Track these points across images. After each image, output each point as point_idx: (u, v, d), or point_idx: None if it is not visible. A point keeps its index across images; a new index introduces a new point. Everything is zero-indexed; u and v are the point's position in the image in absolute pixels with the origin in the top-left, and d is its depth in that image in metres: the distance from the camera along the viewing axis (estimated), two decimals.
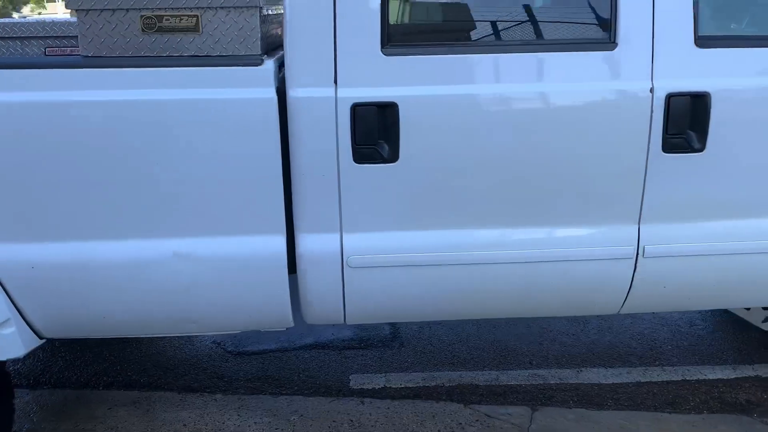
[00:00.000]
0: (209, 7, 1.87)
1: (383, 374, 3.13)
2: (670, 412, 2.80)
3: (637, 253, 2.06)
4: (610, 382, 3.06)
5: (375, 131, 1.88)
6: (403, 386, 3.02)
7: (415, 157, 1.90)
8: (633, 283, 2.11)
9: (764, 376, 3.14)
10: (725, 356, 3.24)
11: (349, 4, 1.84)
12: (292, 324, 2.16)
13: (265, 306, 2.07)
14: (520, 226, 2.00)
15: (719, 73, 1.92)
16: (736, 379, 3.09)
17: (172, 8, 1.86)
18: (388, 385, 3.04)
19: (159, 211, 1.93)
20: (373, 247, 2.00)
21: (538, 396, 2.97)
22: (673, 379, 3.06)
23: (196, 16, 1.88)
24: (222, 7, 1.87)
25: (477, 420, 2.76)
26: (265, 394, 2.92)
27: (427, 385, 3.04)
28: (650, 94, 1.91)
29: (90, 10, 1.85)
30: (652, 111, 1.91)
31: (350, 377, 3.12)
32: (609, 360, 3.24)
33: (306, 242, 1.99)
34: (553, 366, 3.18)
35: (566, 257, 2.03)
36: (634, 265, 2.07)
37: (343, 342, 3.40)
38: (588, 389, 3.00)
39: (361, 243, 1.99)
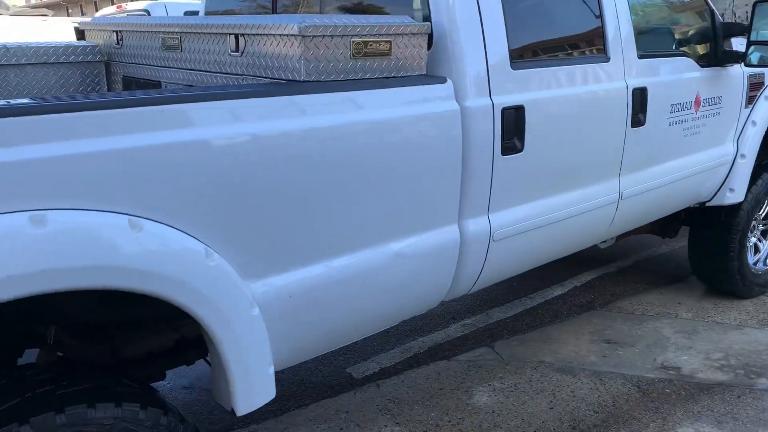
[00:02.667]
0: (397, 34, 2.13)
1: (371, 359, 3.54)
2: (561, 321, 3.95)
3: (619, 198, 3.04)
4: (511, 315, 4.09)
5: (512, 128, 2.41)
6: (393, 363, 3.50)
7: (533, 145, 2.50)
8: (613, 219, 3.09)
9: (590, 280, 4.58)
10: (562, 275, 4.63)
11: (491, 38, 2.33)
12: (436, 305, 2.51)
13: (434, 289, 2.38)
14: (585, 186, 2.78)
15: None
16: (573, 289, 4.46)
17: (375, 35, 2.07)
18: (384, 366, 3.48)
19: (384, 218, 2.10)
20: (507, 221, 2.51)
21: (483, 337, 3.82)
22: (542, 301, 4.23)
23: (390, 42, 2.12)
24: (405, 34, 2.15)
25: (467, 366, 3.48)
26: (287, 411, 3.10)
27: (407, 357, 3.58)
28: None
29: (315, 36, 1.93)
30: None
31: (348, 371, 3.44)
32: (502, 301, 4.29)
33: (468, 226, 2.39)
34: (469, 317, 4.08)
35: (597, 205, 2.90)
36: (616, 208, 3.06)
37: None
38: (504, 323, 3.98)
39: (500, 220, 2.49)
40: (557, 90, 2.59)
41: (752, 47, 3.39)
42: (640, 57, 2.99)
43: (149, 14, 6.05)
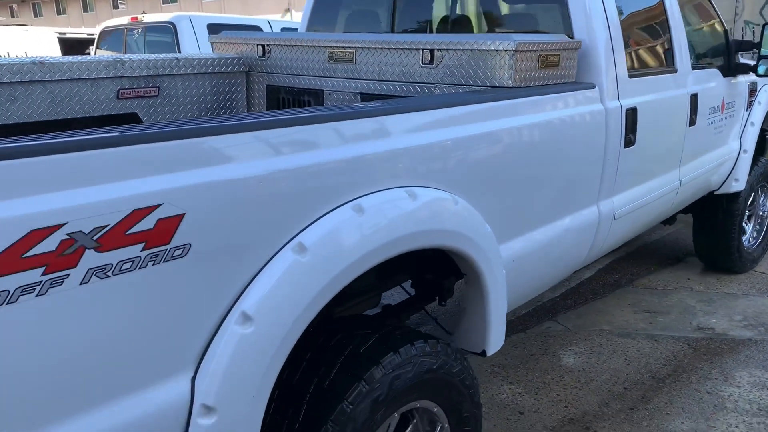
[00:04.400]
0: (563, 49, 2.63)
1: None
2: (601, 297, 4.57)
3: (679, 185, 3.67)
4: (558, 294, 4.66)
5: (630, 125, 2.97)
6: None
7: (641, 139, 3.07)
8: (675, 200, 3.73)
9: (609, 263, 5.23)
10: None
11: (618, 53, 2.88)
12: None
13: (579, 258, 2.90)
14: (664, 174, 3.38)
15: None
16: (598, 271, 5.10)
17: (552, 50, 2.56)
18: None
19: (561, 198, 2.59)
20: (623, 202, 3.06)
21: (544, 313, 4.37)
22: (578, 282, 4.85)
23: (559, 55, 2.62)
24: (569, 49, 2.66)
25: (543, 336, 4.03)
26: None
27: None
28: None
29: (522, 51, 2.40)
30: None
31: None
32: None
33: (601, 207, 2.92)
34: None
35: (670, 189, 3.51)
36: (677, 192, 3.69)
37: None
38: (556, 302, 4.54)
39: (619, 201, 3.03)
40: (653, 95, 3.17)
41: (762, 60, 4.13)
42: (693, 68, 3.64)
43: (174, 27, 6.25)
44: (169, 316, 1.36)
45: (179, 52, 6.16)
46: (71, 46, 9.56)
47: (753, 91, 4.67)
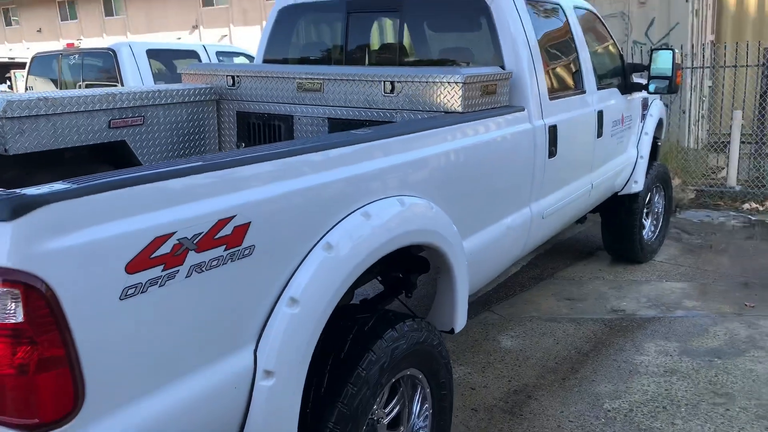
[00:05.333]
0: (499, 79, 3.19)
1: None
2: (528, 289, 5.23)
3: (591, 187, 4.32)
4: (491, 288, 5.24)
5: (552, 139, 3.56)
6: None
7: (562, 151, 3.67)
8: (589, 200, 4.37)
9: (532, 259, 5.87)
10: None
11: (540, 80, 3.47)
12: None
13: (518, 250, 3.46)
14: (579, 179, 4.00)
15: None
16: (523, 267, 5.73)
17: (491, 80, 3.11)
18: None
19: (503, 200, 3.13)
20: (549, 203, 3.65)
21: (481, 305, 4.95)
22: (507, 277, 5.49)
23: (496, 84, 3.17)
24: (503, 79, 3.22)
25: (482, 325, 4.77)
26: None
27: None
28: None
29: (469, 83, 2.93)
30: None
31: None
32: None
33: (533, 208, 3.49)
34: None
35: (584, 191, 4.15)
36: (590, 193, 4.33)
37: None
38: (489, 295, 5.14)
39: (546, 203, 3.62)
40: (569, 113, 3.79)
41: (651, 80, 4.88)
42: (598, 89, 4.31)
43: (115, 53, 6.41)
44: (240, 301, 1.76)
45: (120, 77, 6.36)
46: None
47: (645, 105, 5.45)
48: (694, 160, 8.48)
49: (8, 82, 10.79)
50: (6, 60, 10.17)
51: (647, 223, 5.97)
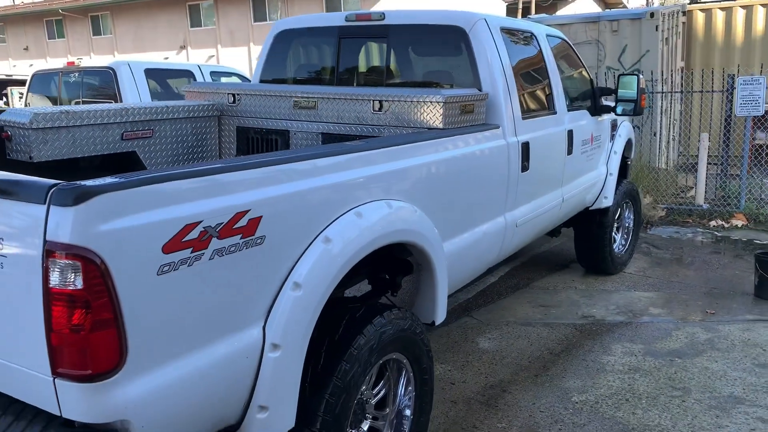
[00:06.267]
0: (476, 99, 3.54)
1: None
2: (505, 297, 5.58)
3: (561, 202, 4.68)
4: (471, 296, 5.56)
5: (525, 155, 3.92)
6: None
7: (534, 166, 4.02)
8: (560, 213, 4.73)
9: (509, 270, 6.21)
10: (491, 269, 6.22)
11: (514, 101, 3.83)
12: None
13: (495, 254, 3.79)
14: (550, 193, 4.36)
15: None
16: (501, 277, 6.06)
17: (469, 100, 3.46)
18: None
19: (479, 209, 3.47)
20: (522, 213, 3.99)
21: (461, 311, 5.27)
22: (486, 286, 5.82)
23: (473, 104, 3.52)
24: (480, 99, 3.57)
25: (461, 329, 5.07)
26: None
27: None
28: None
29: (449, 103, 3.27)
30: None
31: None
32: (461, 288, 5.77)
33: (507, 217, 3.83)
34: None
35: (555, 204, 4.50)
36: (560, 206, 4.69)
37: None
38: (468, 302, 5.47)
39: (519, 213, 3.96)
40: (540, 131, 4.16)
41: (618, 103, 5.28)
42: (568, 110, 4.69)
43: (114, 72, 6.71)
44: (252, 283, 2.07)
45: (119, 95, 6.66)
46: None
47: (614, 126, 5.85)
48: (665, 179, 8.91)
49: (4, 99, 11.02)
50: (3, 77, 10.41)
51: (618, 237, 6.34)
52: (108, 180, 1.70)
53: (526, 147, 3.90)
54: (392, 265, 3.08)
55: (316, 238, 2.27)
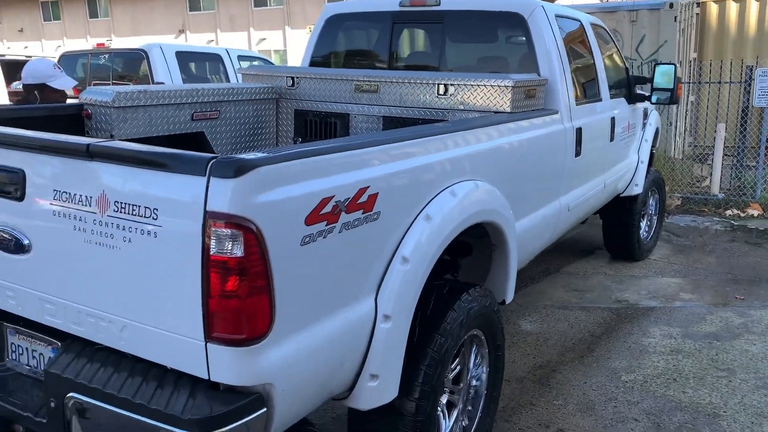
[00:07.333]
0: (538, 84, 3.62)
1: None
2: (539, 282, 5.68)
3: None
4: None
5: (578, 141, 4.01)
6: None
7: (585, 151, 4.11)
8: (602, 197, 4.84)
9: (539, 256, 6.32)
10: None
11: (570, 87, 3.92)
12: None
13: (550, 237, 3.89)
14: (595, 178, 4.46)
15: None
16: (531, 262, 6.17)
17: (533, 85, 3.54)
18: None
19: (541, 191, 3.56)
20: (573, 198, 4.09)
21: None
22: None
23: (536, 89, 3.60)
24: (541, 84, 3.65)
25: (501, 311, 5.03)
26: None
27: None
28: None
29: (517, 87, 3.35)
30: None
31: None
32: None
33: (561, 201, 3.92)
34: None
35: (599, 189, 4.60)
36: (603, 190, 4.79)
37: None
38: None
39: (570, 197, 4.06)
40: (590, 118, 4.25)
41: (654, 92, 5.37)
42: (611, 98, 4.78)
43: (146, 54, 6.72)
44: (368, 256, 2.15)
45: (151, 77, 6.68)
46: (13, 67, 9.62)
47: (646, 114, 5.95)
48: (680, 169, 9.04)
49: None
50: (24, 58, 10.34)
51: (643, 224, 6.45)
52: (261, 154, 1.78)
53: (579, 132, 3.99)
54: (452, 248, 3.16)
55: (418, 215, 2.36)
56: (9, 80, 9.96)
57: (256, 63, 8.02)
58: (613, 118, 4.75)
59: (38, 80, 4.09)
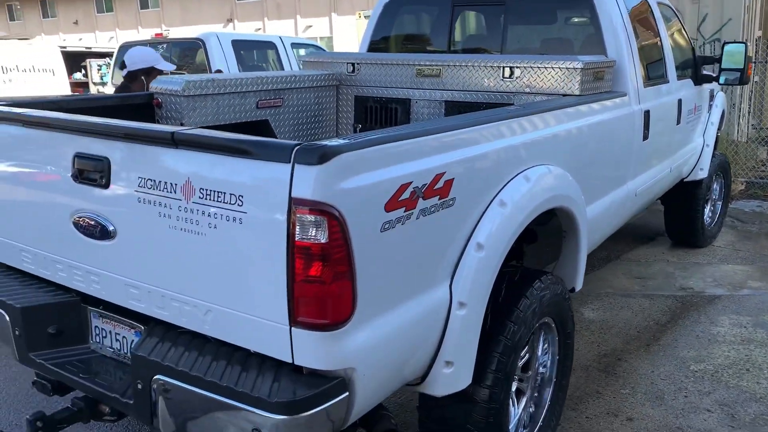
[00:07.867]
0: (606, 66, 3.52)
1: None
2: (599, 269, 5.57)
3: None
4: None
5: (646, 124, 3.89)
6: None
7: (653, 134, 3.99)
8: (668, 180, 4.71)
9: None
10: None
11: (637, 70, 3.80)
12: None
13: (618, 221, 3.80)
14: (662, 162, 4.33)
15: None
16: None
17: (601, 67, 3.45)
18: None
19: (612, 175, 3.48)
20: (640, 183, 3.98)
21: None
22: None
23: (604, 71, 3.51)
24: (609, 66, 3.55)
25: None
26: None
27: None
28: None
29: (587, 69, 3.27)
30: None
31: None
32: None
33: (629, 185, 3.82)
34: None
35: (665, 173, 4.48)
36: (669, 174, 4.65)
37: None
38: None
39: (638, 181, 3.95)
40: (658, 100, 4.12)
41: (722, 72, 5.17)
42: (678, 79, 4.63)
43: (204, 43, 6.83)
44: (443, 243, 2.14)
45: (209, 66, 6.77)
46: (73, 58, 9.92)
47: (712, 96, 5.75)
48: (744, 152, 8.72)
49: (83, 71, 11.26)
50: (83, 49, 10.66)
51: (706, 209, 6.25)
52: (343, 140, 1.78)
53: (647, 115, 3.88)
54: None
55: (492, 201, 2.33)
56: (70, 71, 10.26)
57: (310, 50, 8.06)
58: (680, 100, 4.60)
59: (148, 64, 4.53)
